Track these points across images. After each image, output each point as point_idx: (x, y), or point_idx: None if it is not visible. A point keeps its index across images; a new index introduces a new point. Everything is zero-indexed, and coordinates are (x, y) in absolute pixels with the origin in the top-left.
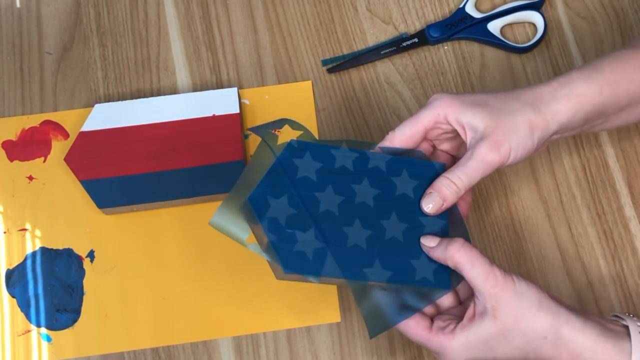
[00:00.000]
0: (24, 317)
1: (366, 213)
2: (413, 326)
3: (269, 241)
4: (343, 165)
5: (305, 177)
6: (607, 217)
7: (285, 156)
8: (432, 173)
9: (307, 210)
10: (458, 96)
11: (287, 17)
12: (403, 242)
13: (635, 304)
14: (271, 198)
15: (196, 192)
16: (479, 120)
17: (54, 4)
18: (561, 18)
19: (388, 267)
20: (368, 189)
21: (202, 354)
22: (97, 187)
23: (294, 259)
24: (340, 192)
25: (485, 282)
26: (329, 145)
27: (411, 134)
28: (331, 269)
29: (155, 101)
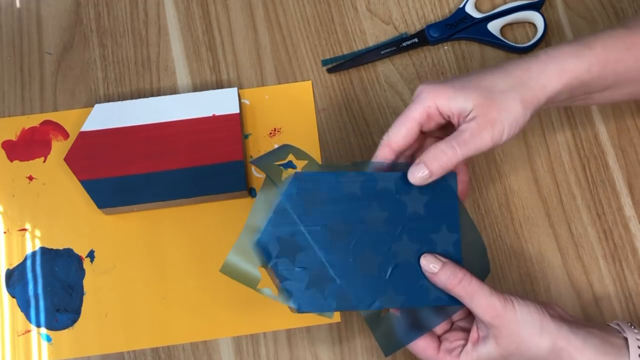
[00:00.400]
0: (24, 317)
1: (376, 239)
2: (422, 347)
3: (281, 284)
4: (350, 191)
5: (312, 210)
6: (607, 217)
7: (292, 191)
8: (444, 185)
9: (316, 245)
10: (445, 83)
11: (287, 17)
12: (414, 264)
13: (635, 304)
14: (280, 238)
15: (196, 192)
16: (470, 103)
17: (54, 4)
18: (561, 18)
19: (401, 292)
20: (377, 213)
21: (202, 354)
22: (97, 187)
23: (308, 298)
24: (348, 221)
25: (485, 313)
26: (334, 173)
27: (407, 133)
28: (344, 302)
29: (155, 101)
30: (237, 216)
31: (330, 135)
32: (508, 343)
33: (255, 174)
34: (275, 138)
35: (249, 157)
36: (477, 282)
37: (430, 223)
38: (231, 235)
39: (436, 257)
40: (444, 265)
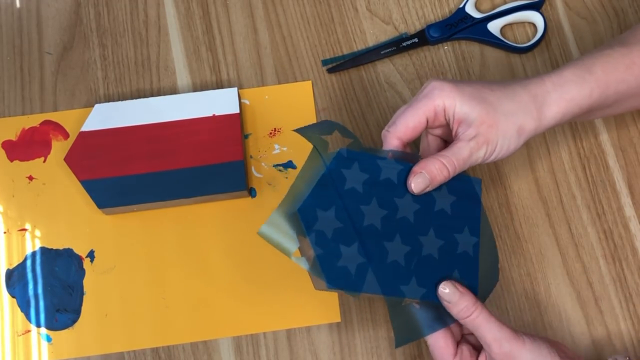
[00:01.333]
0: (24, 317)
1: (406, 228)
2: (442, 347)
3: (315, 255)
4: (388, 177)
5: (353, 189)
6: (607, 217)
7: (335, 166)
8: (469, 189)
9: (352, 224)
10: (457, 86)
11: (287, 17)
12: (438, 259)
13: (635, 304)
14: (319, 210)
15: (196, 192)
16: (474, 115)
17: (54, 4)
18: (561, 18)
19: (423, 285)
20: (410, 204)
21: (202, 354)
22: (97, 187)
23: (338, 274)
24: (383, 206)
25: (491, 346)
26: (376, 156)
27: (414, 126)
28: (371, 286)
29: (155, 101)
30: (237, 216)
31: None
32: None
33: (256, 174)
34: (275, 138)
35: (249, 157)
36: (486, 315)
37: (454, 222)
38: (231, 235)
39: (455, 286)
40: (461, 297)
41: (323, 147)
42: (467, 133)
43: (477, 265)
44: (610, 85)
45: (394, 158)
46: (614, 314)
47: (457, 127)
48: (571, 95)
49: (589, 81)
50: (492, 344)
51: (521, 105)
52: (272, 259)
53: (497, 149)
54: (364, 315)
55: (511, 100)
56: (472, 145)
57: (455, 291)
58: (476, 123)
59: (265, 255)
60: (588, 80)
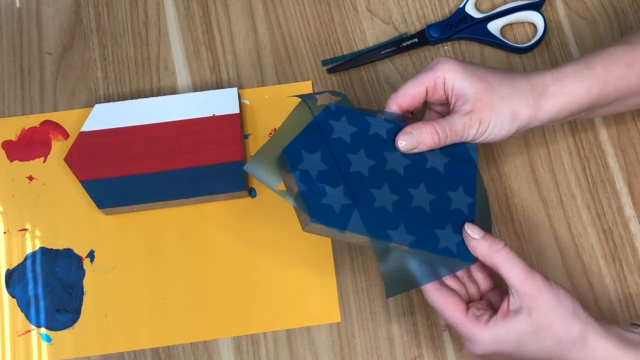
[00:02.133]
0: (24, 317)
1: (395, 179)
2: (452, 305)
3: (299, 190)
4: (377, 133)
5: (340, 138)
6: (607, 217)
7: (322, 117)
8: (465, 153)
9: (338, 169)
10: (462, 63)
11: (287, 17)
12: (429, 212)
13: (635, 304)
14: (305, 152)
15: (196, 192)
16: (472, 92)
17: (54, 4)
18: (561, 18)
19: (412, 232)
20: (399, 158)
21: (202, 354)
22: (97, 187)
23: (322, 210)
24: (372, 157)
25: (524, 283)
26: (365, 113)
27: (414, 94)
28: (356, 225)
29: (155, 101)
30: (237, 216)
31: None
32: (541, 317)
33: None
34: None
35: (249, 157)
36: (515, 253)
37: (447, 181)
38: (231, 235)
39: (478, 228)
40: (486, 235)
41: (312, 102)
42: (463, 107)
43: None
44: (610, 82)
45: (385, 118)
46: (614, 313)
47: (454, 101)
48: (569, 90)
49: (588, 77)
50: (521, 281)
51: (518, 91)
52: (272, 259)
53: (489, 129)
54: (364, 315)
55: (509, 85)
56: (465, 119)
57: (479, 229)
58: (472, 100)
59: (265, 255)
60: (587, 76)
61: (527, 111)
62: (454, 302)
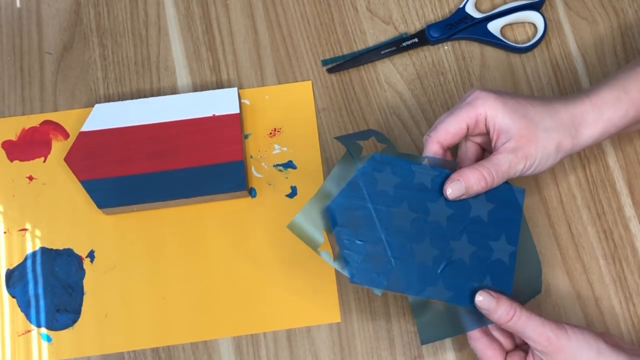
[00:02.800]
0: (24, 317)
1: (437, 232)
2: (489, 356)
3: (339, 250)
4: (422, 182)
5: (383, 191)
6: (607, 217)
7: (367, 169)
8: (511, 198)
9: (380, 224)
10: (501, 98)
11: (287, 17)
12: (469, 265)
13: (635, 304)
14: (347, 209)
15: (196, 192)
16: (515, 129)
17: (54, 4)
18: (561, 18)
19: (450, 288)
20: (443, 208)
21: (202, 354)
22: (97, 187)
23: (361, 271)
24: (414, 209)
25: (537, 342)
26: (410, 161)
27: (455, 132)
28: (395, 284)
29: (155, 101)
30: (237, 216)
31: (330, 135)
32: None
33: (256, 174)
34: (275, 138)
35: (249, 157)
36: (527, 315)
37: (490, 230)
38: (231, 235)
39: (490, 293)
40: (498, 304)
41: (356, 151)
42: (506, 145)
43: (512, 274)
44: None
45: (430, 164)
46: (614, 314)
47: (496, 137)
48: (608, 116)
49: (625, 101)
50: (537, 341)
51: (561, 123)
52: (272, 259)
53: (536, 164)
54: (364, 316)
55: (551, 118)
56: (511, 158)
57: (491, 298)
58: (516, 137)
59: (265, 255)
60: (624, 101)
61: (570, 142)
62: (492, 353)
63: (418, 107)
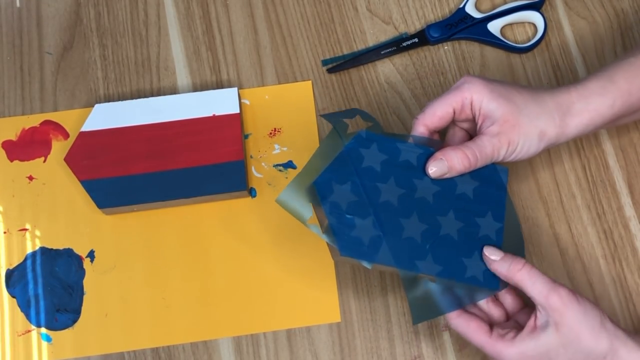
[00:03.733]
0: (24, 317)
1: (424, 207)
2: (474, 328)
3: (329, 224)
4: (407, 160)
5: (370, 167)
6: (607, 217)
7: (353, 145)
8: (495, 176)
9: (367, 199)
10: (488, 83)
11: (287, 17)
12: (457, 240)
13: (635, 304)
14: (335, 184)
15: (196, 192)
16: (499, 113)
17: (54, 4)
18: (561, 18)
19: (439, 262)
20: (429, 185)
21: (202, 354)
22: (97, 187)
23: (351, 243)
24: (401, 185)
25: (548, 298)
26: (396, 139)
27: (441, 115)
28: (385, 257)
29: (155, 101)
30: (237, 216)
31: None
32: (569, 331)
33: (256, 174)
34: (275, 138)
35: (249, 157)
36: (537, 270)
37: (476, 207)
38: (231, 235)
39: (497, 249)
40: (506, 255)
41: (342, 128)
42: (490, 129)
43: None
44: (633, 93)
45: (415, 143)
46: (614, 314)
47: (481, 121)
48: (594, 106)
49: (612, 91)
50: (545, 296)
51: (545, 111)
52: (272, 259)
53: (518, 149)
54: (364, 315)
55: (536, 104)
56: (494, 141)
57: (499, 251)
58: (500, 121)
59: (265, 255)
60: (610, 90)
61: (554, 130)
62: (475, 324)
63: (418, 107)
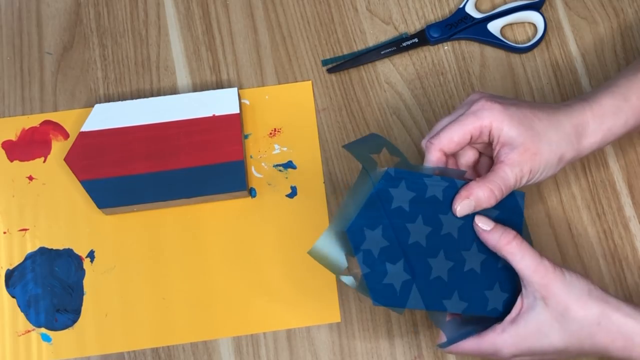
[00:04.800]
0: (24, 317)
1: (450, 244)
2: (461, 343)
3: (362, 274)
4: (434, 195)
5: (399, 208)
6: (607, 217)
7: (383, 186)
8: (513, 203)
9: (398, 242)
10: (506, 108)
11: (287, 17)
12: (480, 274)
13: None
14: (367, 229)
15: (196, 192)
16: (521, 141)
17: (54, 4)
18: (561, 18)
19: (465, 299)
20: (454, 220)
21: (202, 354)
22: (97, 187)
23: (383, 292)
24: (428, 223)
25: (535, 272)
26: (422, 174)
27: (458, 141)
28: (415, 301)
29: (155, 101)
30: (237, 216)
31: (330, 135)
32: (557, 303)
33: (256, 174)
34: (275, 138)
35: (249, 157)
36: (528, 244)
37: None
38: (231, 235)
39: (488, 219)
40: (497, 225)
41: (371, 166)
42: (511, 157)
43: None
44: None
45: (440, 175)
46: None
47: (499, 148)
48: (608, 126)
49: (625, 110)
50: (533, 270)
51: (564, 136)
52: (272, 259)
53: (538, 175)
54: (364, 315)
55: (555, 130)
56: (516, 172)
57: (490, 221)
58: (521, 149)
59: (265, 255)
60: (624, 110)
61: (572, 153)
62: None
63: (418, 107)
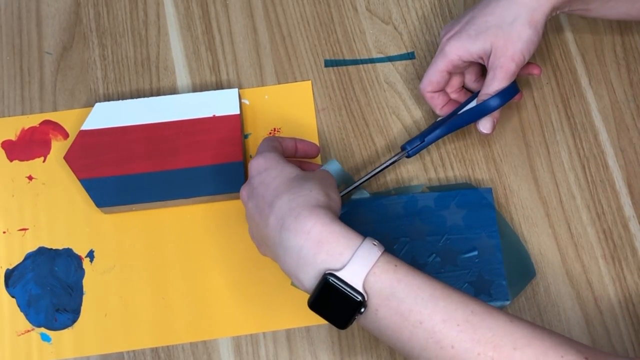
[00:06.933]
0: (24, 317)
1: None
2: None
3: None
4: (395, 212)
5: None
6: (607, 217)
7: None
8: (480, 198)
9: None
10: (463, 33)
11: (287, 17)
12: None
13: (635, 304)
14: None
15: (196, 192)
16: (488, 44)
17: (54, 4)
18: (561, 18)
19: None
20: (420, 228)
21: (202, 354)
22: (97, 186)
23: None
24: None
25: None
26: (380, 197)
27: (437, 80)
28: None
29: (156, 101)
30: (237, 216)
31: (330, 135)
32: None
33: None
34: None
35: (249, 157)
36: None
37: (469, 231)
38: (231, 235)
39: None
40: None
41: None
42: (491, 61)
43: (501, 265)
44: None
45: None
46: (614, 313)
47: (484, 60)
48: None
49: None
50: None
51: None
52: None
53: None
54: None
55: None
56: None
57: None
58: (493, 48)
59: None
60: None
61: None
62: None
63: (418, 107)
